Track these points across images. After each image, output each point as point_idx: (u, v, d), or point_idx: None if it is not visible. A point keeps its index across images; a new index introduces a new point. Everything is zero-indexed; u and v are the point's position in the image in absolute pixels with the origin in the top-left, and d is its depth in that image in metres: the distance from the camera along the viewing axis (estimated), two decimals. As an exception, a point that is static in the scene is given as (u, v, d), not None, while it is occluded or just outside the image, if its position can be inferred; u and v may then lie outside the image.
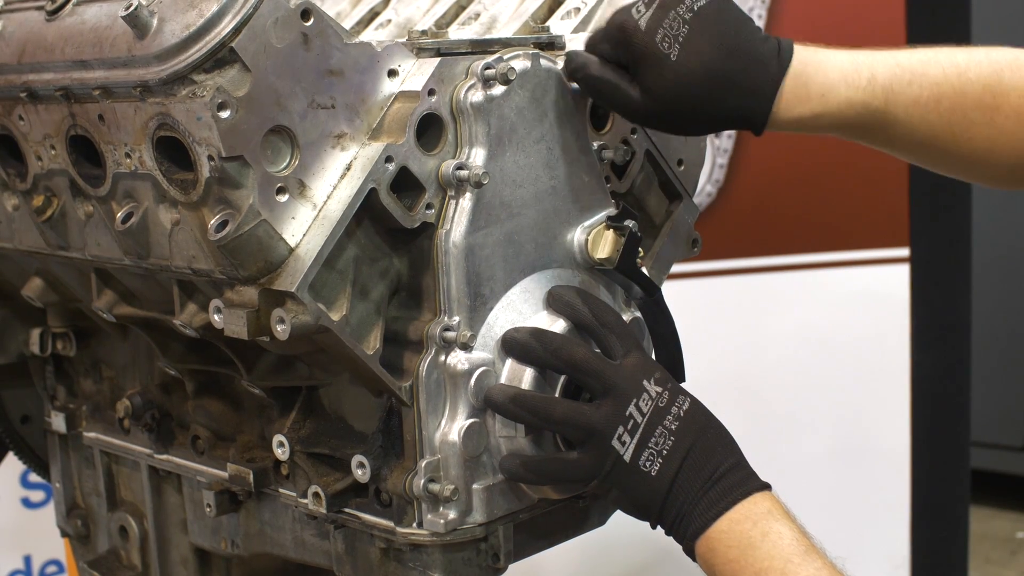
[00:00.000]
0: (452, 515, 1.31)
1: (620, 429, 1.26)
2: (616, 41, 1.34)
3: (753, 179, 3.06)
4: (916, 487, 3.14)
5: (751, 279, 3.10)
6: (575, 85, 1.38)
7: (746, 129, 1.35)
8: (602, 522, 1.51)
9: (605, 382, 1.28)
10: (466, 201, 1.30)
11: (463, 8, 1.62)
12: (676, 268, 1.63)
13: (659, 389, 1.28)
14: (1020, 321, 4.32)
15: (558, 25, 1.52)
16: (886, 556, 3.16)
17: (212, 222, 1.24)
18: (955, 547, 3.22)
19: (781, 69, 1.32)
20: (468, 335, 1.30)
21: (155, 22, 1.23)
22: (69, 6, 1.34)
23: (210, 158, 1.21)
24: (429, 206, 1.30)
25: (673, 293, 1.57)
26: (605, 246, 1.40)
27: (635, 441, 1.26)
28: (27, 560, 2.82)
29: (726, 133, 3.03)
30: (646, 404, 1.27)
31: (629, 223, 1.40)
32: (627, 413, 1.26)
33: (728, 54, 1.31)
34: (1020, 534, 4.45)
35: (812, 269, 3.12)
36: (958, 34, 3.03)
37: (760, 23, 3.01)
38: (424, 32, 1.36)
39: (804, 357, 3.13)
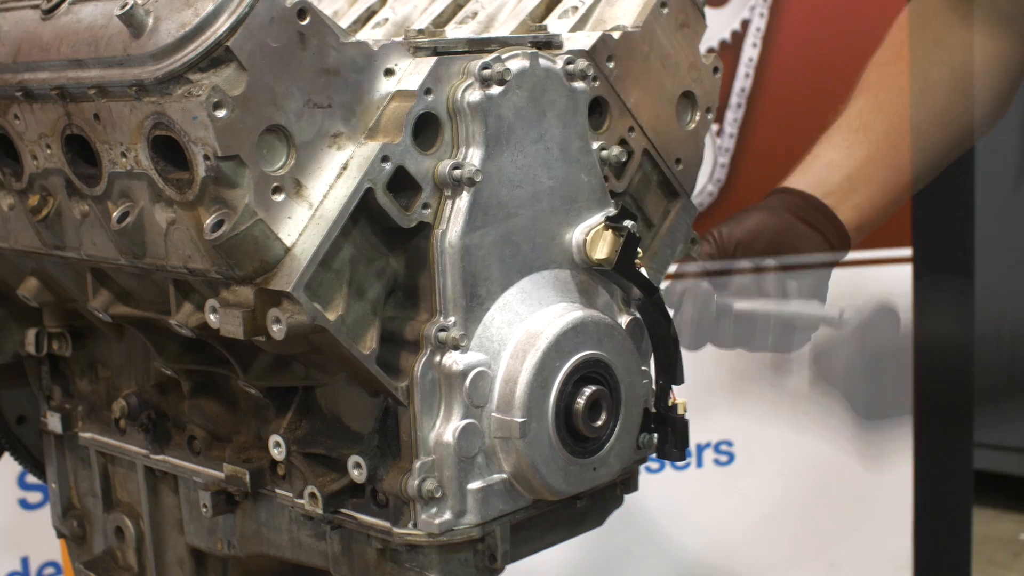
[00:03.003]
0: (447, 515, 1.31)
1: None
2: None
3: (755, 179, 3.06)
4: (919, 488, 3.14)
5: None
6: (576, 85, 1.38)
7: None
8: (600, 522, 1.50)
9: None
10: (462, 201, 1.30)
11: (460, 7, 1.61)
12: (676, 268, 1.63)
13: None
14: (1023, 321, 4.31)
15: (556, 24, 1.51)
16: (889, 558, 3.15)
17: (208, 221, 1.23)
18: (958, 549, 3.22)
19: None
20: (459, 335, 1.29)
21: (151, 21, 1.22)
22: (64, 5, 1.33)
23: (206, 157, 1.20)
24: (426, 206, 1.29)
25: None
26: (603, 246, 1.39)
27: None
28: (24, 562, 2.82)
29: (728, 131, 3.03)
30: None
31: (628, 223, 1.39)
32: None
33: None
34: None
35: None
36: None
37: (761, 23, 3.01)
38: (421, 31, 1.36)
39: (805, 357, 3.11)
